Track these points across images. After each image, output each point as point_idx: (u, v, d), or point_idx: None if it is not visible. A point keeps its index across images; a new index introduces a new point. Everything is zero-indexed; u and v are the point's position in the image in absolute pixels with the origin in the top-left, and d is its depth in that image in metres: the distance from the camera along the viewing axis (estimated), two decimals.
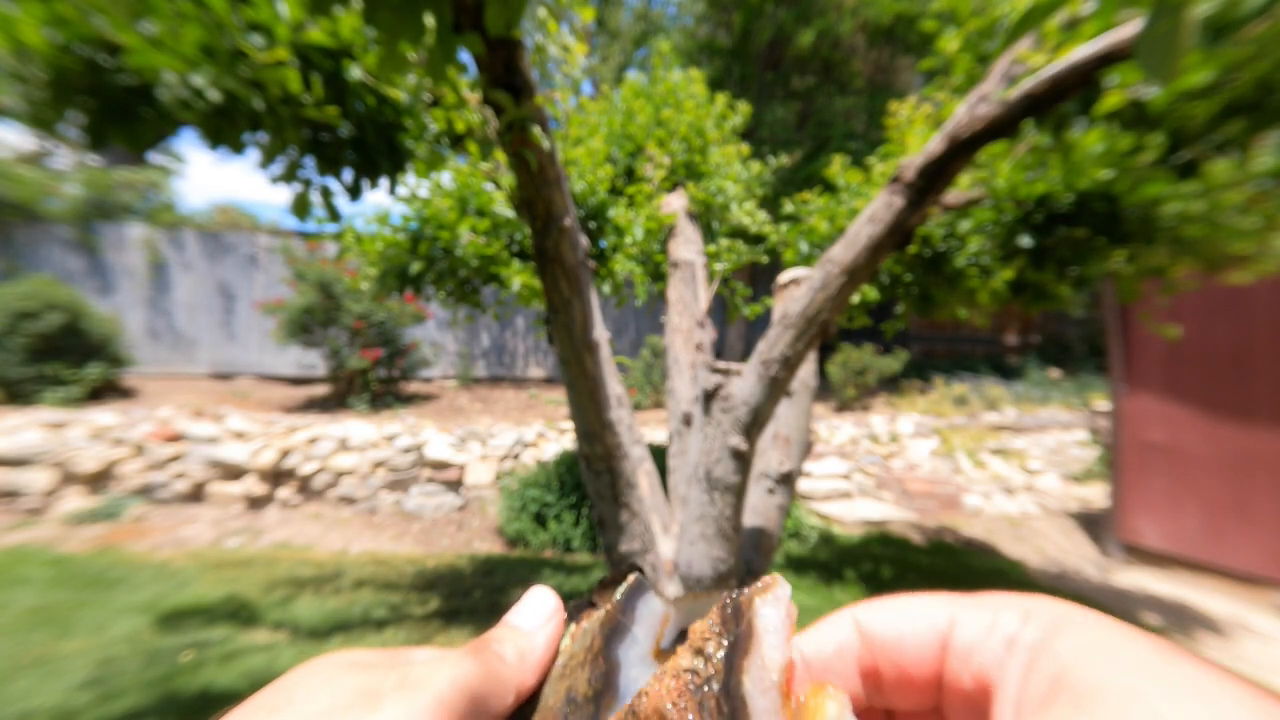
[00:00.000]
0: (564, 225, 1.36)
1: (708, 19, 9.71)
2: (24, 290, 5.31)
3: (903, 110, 2.35)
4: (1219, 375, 3.77)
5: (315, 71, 1.11)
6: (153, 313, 6.84)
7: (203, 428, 4.46)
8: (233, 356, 7.04)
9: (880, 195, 1.40)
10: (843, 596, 3.28)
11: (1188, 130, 1.38)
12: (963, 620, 0.21)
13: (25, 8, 0.92)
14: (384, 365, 6.17)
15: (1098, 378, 7.85)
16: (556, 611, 0.26)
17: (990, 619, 0.20)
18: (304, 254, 6.26)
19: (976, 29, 1.66)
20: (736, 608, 0.21)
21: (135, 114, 1.03)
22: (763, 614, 0.21)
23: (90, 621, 2.60)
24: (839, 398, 7.33)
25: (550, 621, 0.25)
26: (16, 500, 3.92)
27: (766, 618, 0.20)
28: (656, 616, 0.25)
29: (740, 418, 1.52)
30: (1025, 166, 1.90)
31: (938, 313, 2.43)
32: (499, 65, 1.10)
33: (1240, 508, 3.65)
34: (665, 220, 2.29)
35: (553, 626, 0.25)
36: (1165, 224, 1.77)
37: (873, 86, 9.49)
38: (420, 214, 2.23)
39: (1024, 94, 1.21)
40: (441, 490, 4.65)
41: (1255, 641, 3.08)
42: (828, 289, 1.44)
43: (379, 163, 1.25)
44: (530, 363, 8.01)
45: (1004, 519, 4.95)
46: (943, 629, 0.21)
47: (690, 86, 2.69)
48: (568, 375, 1.55)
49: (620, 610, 0.24)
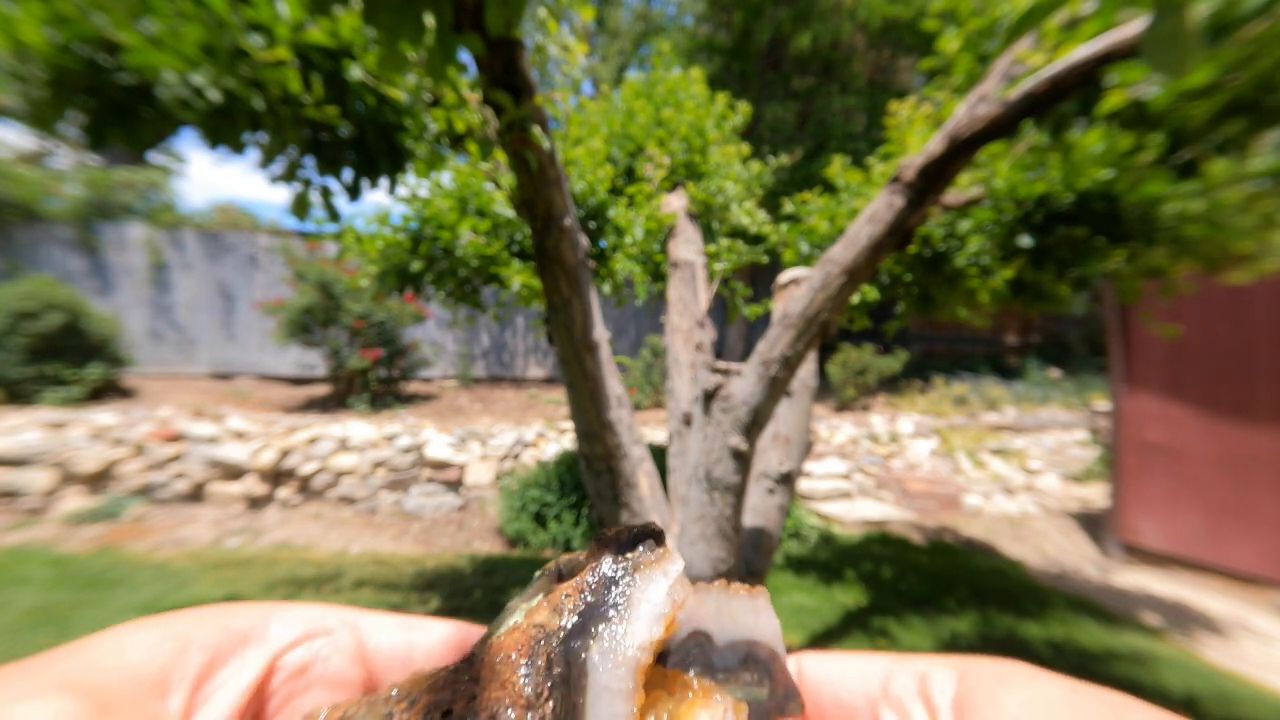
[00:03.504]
0: (564, 225, 1.36)
1: (708, 19, 9.71)
2: (24, 290, 5.31)
3: (903, 110, 2.35)
4: (1219, 375, 3.77)
5: (315, 71, 1.11)
6: (153, 313, 6.84)
7: (203, 428, 4.46)
8: (233, 356, 7.04)
9: (880, 195, 1.40)
10: (843, 597, 3.28)
11: (1188, 130, 1.38)
12: (897, 673, 0.21)
13: (25, 7, 0.92)
14: (384, 365, 6.17)
15: (1098, 378, 7.85)
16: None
17: (923, 671, 0.20)
18: (304, 254, 6.26)
19: (976, 29, 1.66)
20: (611, 575, 0.18)
21: (135, 114, 1.03)
22: (639, 585, 0.18)
23: (90, 621, 2.59)
24: (839, 398, 7.33)
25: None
26: (16, 500, 3.92)
27: (644, 590, 0.18)
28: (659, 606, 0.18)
29: (740, 418, 1.52)
30: (1025, 166, 1.90)
31: (938, 313, 2.43)
32: (499, 65, 1.10)
33: (1240, 508, 3.65)
34: (665, 220, 2.29)
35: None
36: (1165, 224, 1.77)
37: (873, 86, 9.49)
38: (420, 214, 2.23)
39: (1024, 94, 1.21)
40: (441, 490, 4.65)
41: (1255, 641, 3.08)
42: (828, 289, 1.44)
43: (379, 163, 1.25)
44: (530, 363, 8.01)
45: (1004, 519, 4.95)
46: (878, 678, 0.21)
47: (690, 86, 2.68)
48: (568, 375, 1.55)
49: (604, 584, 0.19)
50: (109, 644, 0.18)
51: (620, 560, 0.19)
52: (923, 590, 3.41)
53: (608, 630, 0.17)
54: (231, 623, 0.21)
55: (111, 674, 0.17)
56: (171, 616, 0.20)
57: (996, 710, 0.17)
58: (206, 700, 0.19)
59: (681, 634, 0.20)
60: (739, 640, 0.20)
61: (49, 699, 0.16)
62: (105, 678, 0.17)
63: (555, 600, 0.18)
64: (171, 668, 0.19)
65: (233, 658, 0.20)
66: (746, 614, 0.21)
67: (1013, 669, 0.19)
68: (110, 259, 6.75)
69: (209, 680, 0.19)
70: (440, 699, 0.18)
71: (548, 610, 0.18)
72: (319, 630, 0.22)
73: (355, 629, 0.23)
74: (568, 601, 0.18)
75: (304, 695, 0.21)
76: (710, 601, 0.20)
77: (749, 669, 0.20)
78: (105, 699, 0.16)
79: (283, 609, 0.22)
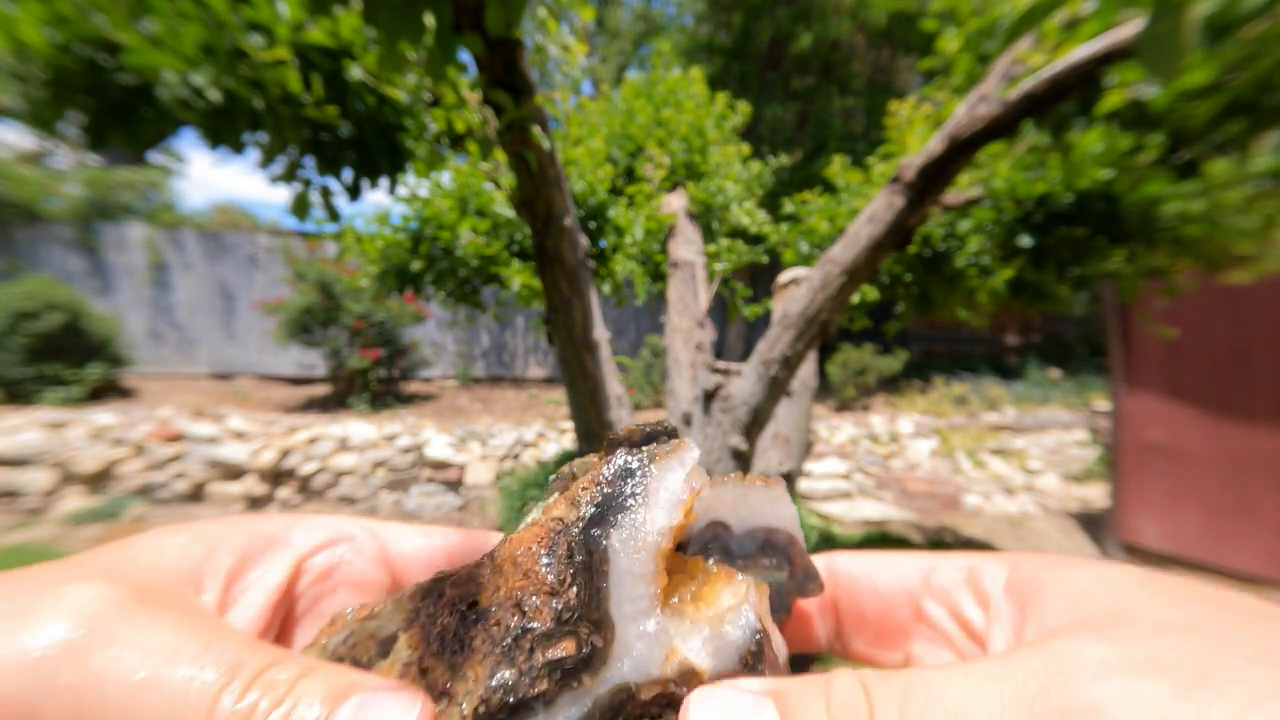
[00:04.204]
0: (564, 225, 1.36)
1: (708, 19, 9.71)
2: (24, 290, 5.31)
3: (903, 110, 2.35)
4: (1219, 375, 3.77)
5: (315, 71, 1.10)
6: (153, 313, 6.84)
7: (203, 428, 4.46)
8: (233, 356, 7.04)
9: (880, 195, 1.40)
10: None
11: (1188, 130, 1.38)
12: (940, 567, 0.21)
13: (25, 7, 0.92)
14: (384, 365, 6.16)
15: (1098, 378, 7.85)
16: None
17: (970, 564, 0.20)
18: (304, 254, 6.25)
19: (976, 29, 1.66)
20: (628, 467, 0.18)
21: (135, 114, 1.03)
22: (656, 475, 0.18)
23: None
24: (839, 398, 7.33)
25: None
26: (16, 500, 3.92)
27: (661, 479, 0.18)
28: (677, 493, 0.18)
29: (740, 418, 1.52)
30: (1025, 166, 1.90)
31: (938, 313, 2.43)
32: (499, 65, 1.10)
33: (1240, 508, 3.65)
34: (665, 220, 2.29)
35: None
36: (1165, 224, 1.77)
37: (873, 86, 9.49)
38: (420, 214, 2.23)
39: (1024, 94, 1.21)
40: (441, 490, 4.65)
41: None
42: (828, 289, 1.44)
43: (379, 163, 1.25)
44: (530, 363, 8.00)
45: (1004, 519, 4.95)
46: (918, 574, 0.21)
47: (690, 86, 2.68)
48: (568, 375, 1.55)
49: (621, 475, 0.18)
50: (145, 543, 0.20)
51: (636, 452, 0.19)
52: None
53: (627, 518, 0.17)
54: (258, 529, 0.22)
55: (149, 569, 0.18)
56: (201, 523, 0.21)
57: (1063, 587, 0.17)
58: (238, 598, 0.20)
59: (700, 524, 0.21)
60: (757, 528, 0.21)
61: (93, 583, 0.17)
62: (144, 572, 0.18)
63: (572, 494, 0.18)
64: (204, 566, 0.20)
65: (260, 560, 0.21)
66: (763, 503, 0.21)
67: (1070, 557, 0.18)
68: (110, 259, 6.74)
69: (239, 580, 0.20)
70: (465, 592, 0.18)
71: (565, 505, 0.18)
72: (342, 536, 0.23)
73: (376, 535, 0.24)
74: (585, 494, 0.18)
75: (331, 596, 0.22)
76: (727, 493, 0.21)
77: (767, 554, 0.20)
78: (144, 587, 0.17)
79: (306, 518, 0.23)
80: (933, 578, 0.21)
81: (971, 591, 0.19)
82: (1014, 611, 0.18)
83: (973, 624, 0.19)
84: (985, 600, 0.19)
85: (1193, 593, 0.15)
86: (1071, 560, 0.18)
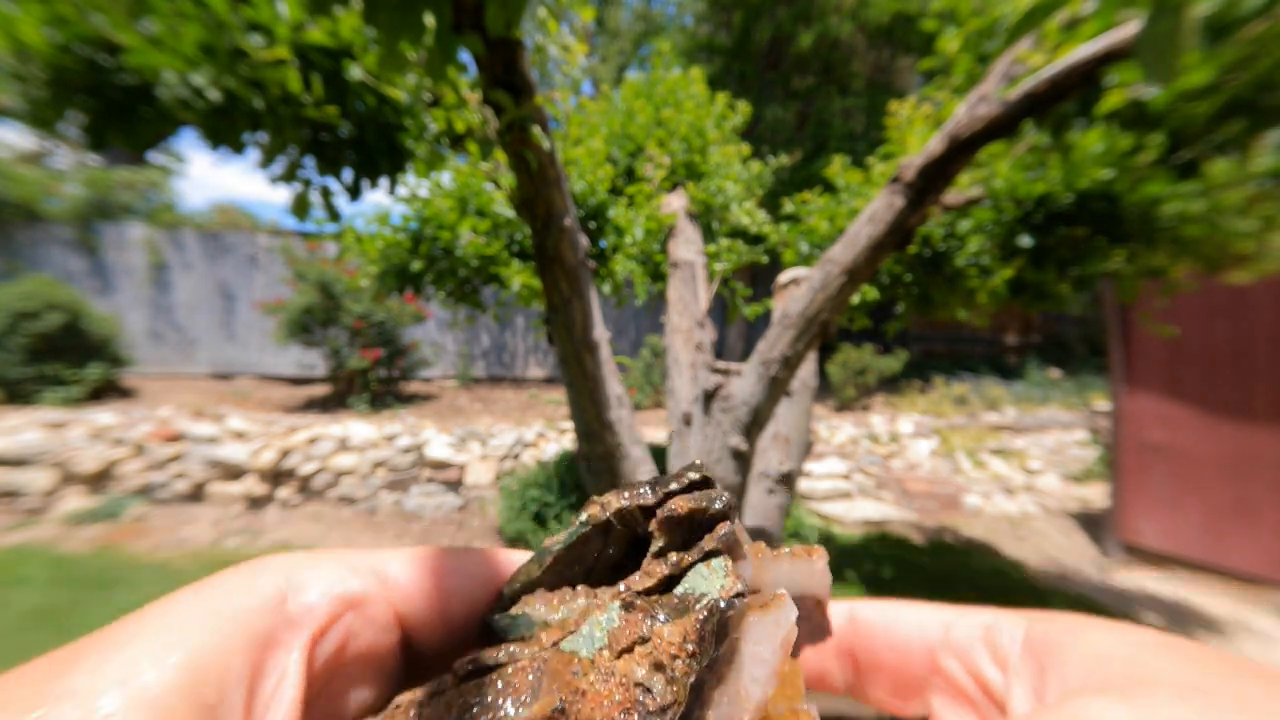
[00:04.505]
0: (564, 225, 1.36)
1: (708, 19, 9.72)
2: (24, 290, 5.31)
3: (903, 110, 2.35)
4: (1219, 375, 3.77)
5: (315, 71, 1.10)
6: (153, 313, 6.84)
7: (203, 428, 4.46)
8: (233, 356, 7.04)
9: (880, 195, 1.40)
10: (843, 597, 3.29)
11: (1188, 130, 1.38)
12: (958, 623, 0.21)
13: (25, 7, 0.92)
14: (384, 365, 6.17)
15: (1098, 378, 7.85)
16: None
17: (988, 621, 0.21)
18: (304, 254, 6.26)
19: (976, 29, 1.66)
20: (722, 623, 0.17)
21: (135, 114, 1.03)
22: (753, 637, 0.17)
23: (90, 622, 2.59)
24: (839, 398, 7.33)
25: None
26: (16, 500, 3.92)
27: (756, 642, 0.17)
28: (772, 665, 0.17)
29: (740, 418, 1.52)
30: (1025, 166, 1.90)
31: (938, 313, 2.43)
32: (499, 65, 1.10)
33: (1240, 508, 3.65)
34: (665, 220, 2.29)
35: None
36: (1165, 224, 1.77)
37: (873, 86, 9.49)
38: (420, 214, 2.23)
39: (1024, 94, 1.21)
40: (441, 490, 4.65)
41: (1255, 642, 3.08)
42: (828, 289, 1.44)
43: (379, 163, 1.25)
44: (530, 363, 8.01)
45: (1004, 519, 4.95)
46: (937, 627, 0.22)
47: (690, 86, 2.68)
48: (568, 375, 1.55)
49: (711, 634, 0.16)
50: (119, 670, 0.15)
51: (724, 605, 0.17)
52: (923, 591, 3.41)
53: (718, 695, 0.16)
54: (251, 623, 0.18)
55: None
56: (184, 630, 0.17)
57: (1082, 649, 0.17)
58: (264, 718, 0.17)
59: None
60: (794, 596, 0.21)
61: None
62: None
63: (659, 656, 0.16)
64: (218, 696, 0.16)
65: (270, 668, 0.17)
66: (803, 576, 0.22)
67: (1087, 618, 0.19)
68: (110, 259, 6.75)
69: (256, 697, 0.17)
70: None
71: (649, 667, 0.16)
72: (347, 602, 0.20)
73: (384, 583, 0.21)
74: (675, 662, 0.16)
75: (340, 671, 0.20)
76: (769, 570, 0.21)
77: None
78: None
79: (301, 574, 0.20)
80: (950, 633, 0.21)
81: (989, 650, 0.20)
82: (1033, 672, 0.18)
83: (990, 683, 0.20)
84: (1003, 660, 0.20)
85: (1210, 656, 0.16)
86: (1088, 620, 0.19)
